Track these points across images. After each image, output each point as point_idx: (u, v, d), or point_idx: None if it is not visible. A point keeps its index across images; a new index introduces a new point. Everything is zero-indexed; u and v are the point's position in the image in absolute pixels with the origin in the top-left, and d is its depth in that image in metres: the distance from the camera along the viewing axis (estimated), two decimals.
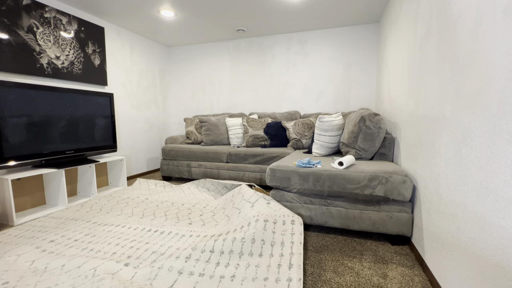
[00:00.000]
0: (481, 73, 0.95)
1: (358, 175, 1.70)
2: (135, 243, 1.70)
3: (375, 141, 2.01)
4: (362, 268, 1.47)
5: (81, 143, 2.70)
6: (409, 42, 1.87)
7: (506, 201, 0.81)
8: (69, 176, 2.75)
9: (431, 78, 1.42)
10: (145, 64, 3.91)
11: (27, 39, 2.36)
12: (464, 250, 1.03)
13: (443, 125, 1.25)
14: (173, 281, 1.31)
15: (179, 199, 2.61)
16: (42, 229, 1.96)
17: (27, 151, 2.23)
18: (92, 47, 2.98)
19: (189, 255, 1.44)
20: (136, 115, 3.76)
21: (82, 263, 1.43)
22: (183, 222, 2.04)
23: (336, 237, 1.84)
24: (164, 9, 2.87)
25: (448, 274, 1.17)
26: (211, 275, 1.34)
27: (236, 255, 1.44)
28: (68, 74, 2.72)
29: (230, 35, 3.78)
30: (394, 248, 1.69)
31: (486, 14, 0.94)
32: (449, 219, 1.17)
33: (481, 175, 0.94)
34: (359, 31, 3.41)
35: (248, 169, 3.05)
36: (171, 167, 3.45)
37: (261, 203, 1.84)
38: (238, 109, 4.12)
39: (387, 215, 1.69)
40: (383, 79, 2.86)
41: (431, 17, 1.45)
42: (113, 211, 2.30)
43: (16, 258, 1.52)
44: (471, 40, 1.03)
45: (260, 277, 1.30)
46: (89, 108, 2.77)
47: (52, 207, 2.43)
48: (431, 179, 1.39)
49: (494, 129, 0.87)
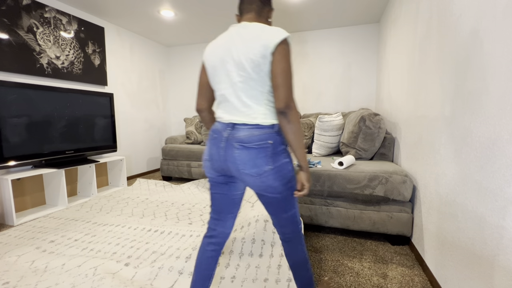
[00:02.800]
0: (481, 73, 0.95)
1: (358, 175, 1.70)
2: (135, 243, 1.70)
3: (375, 141, 2.01)
4: (362, 268, 1.47)
5: (81, 143, 2.69)
6: (409, 42, 1.87)
7: (506, 201, 0.81)
8: (69, 176, 2.75)
9: (431, 78, 1.42)
10: (145, 64, 3.91)
11: (27, 39, 2.35)
12: (464, 250, 1.03)
13: (443, 125, 1.25)
14: (174, 281, 1.31)
15: (179, 199, 2.62)
16: (42, 229, 1.96)
17: (27, 151, 2.23)
18: (92, 47, 2.98)
19: (190, 255, 1.44)
20: (136, 115, 3.76)
21: (82, 263, 1.43)
22: (183, 222, 2.04)
23: (336, 237, 1.84)
24: (164, 9, 2.87)
25: (448, 274, 1.17)
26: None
27: (236, 255, 1.44)
28: (68, 74, 2.72)
29: None
30: (394, 248, 1.69)
31: (486, 14, 0.94)
32: (449, 219, 1.17)
33: (481, 175, 0.94)
34: (359, 31, 3.41)
35: None
36: (171, 167, 3.45)
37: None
38: None
39: (387, 215, 1.69)
40: (383, 79, 2.86)
41: (431, 17, 1.45)
42: (113, 211, 2.30)
43: (16, 259, 1.52)
44: (471, 40, 1.03)
45: (260, 278, 1.30)
46: (89, 108, 2.77)
47: (52, 207, 2.43)
48: (431, 179, 1.39)
49: (494, 129, 0.87)
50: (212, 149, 0.93)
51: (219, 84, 0.92)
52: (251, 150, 0.86)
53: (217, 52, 0.91)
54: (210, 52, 0.93)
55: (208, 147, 0.95)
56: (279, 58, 0.83)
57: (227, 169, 0.91)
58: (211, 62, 0.92)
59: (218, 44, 0.92)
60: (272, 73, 0.84)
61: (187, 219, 2.11)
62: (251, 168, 0.86)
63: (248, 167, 0.86)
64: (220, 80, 0.91)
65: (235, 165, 0.88)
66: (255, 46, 0.83)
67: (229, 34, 0.90)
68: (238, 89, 0.88)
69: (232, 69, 0.87)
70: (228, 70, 0.88)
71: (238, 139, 0.87)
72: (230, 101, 0.90)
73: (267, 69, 0.84)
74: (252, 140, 0.86)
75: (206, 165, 0.97)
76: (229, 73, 0.88)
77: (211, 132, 0.95)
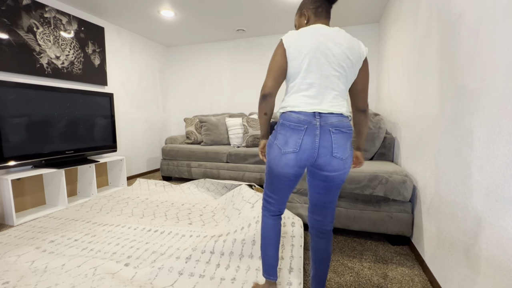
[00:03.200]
0: (481, 73, 0.95)
1: (358, 175, 1.70)
2: (135, 243, 1.70)
3: (375, 141, 2.01)
4: (362, 268, 1.47)
5: (81, 143, 2.69)
6: (409, 42, 1.87)
7: (506, 201, 0.81)
8: (69, 176, 2.75)
9: (431, 78, 1.42)
10: (145, 64, 3.91)
11: (27, 39, 2.35)
12: (464, 250, 1.03)
13: (443, 125, 1.25)
14: (174, 281, 1.31)
15: (179, 199, 2.61)
16: (42, 229, 1.96)
17: (27, 151, 2.23)
18: (92, 47, 2.98)
19: (190, 256, 1.44)
20: (136, 115, 3.76)
21: (82, 263, 1.43)
22: (183, 222, 2.04)
23: (336, 237, 1.84)
24: (164, 9, 2.87)
25: (448, 274, 1.17)
26: (211, 277, 1.34)
27: (237, 257, 1.44)
28: (68, 74, 2.72)
29: (230, 35, 3.78)
30: (394, 248, 1.69)
31: (486, 14, 0.94)
32: (449, 219, 1.17)
33: (481, 175, 0.94)
34: (359, 31, 3.41)
35: (248, 169, 3.04)
36: (171, 167, 3.45)
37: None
38: (238, 109, 4.12)
39: (387, 215, 1.69)
40: (383, 79, 2.86)
41: (431, 17, 1.45)
42: (113, 211, 2.30)
43: (16, 259, 1.52)
44: (471, 40, 1.03)
45: (261, 281, 1.30)
46: (89, 108, 2.77)
47: (52, 207, 2.43)
48: (431, 179, 1.39)
49: (494, 129, 0.87)
50: (304, 139, 0.95)
51: (310, 73, 0.96)
52: (345, 134, 0.97)
53: (311, 44, 0.94)
54: (301, 41, 0.96)
55: (294, 138, 0.96)
56: (365, 69, 1.01)
57: (317, 156, 0.97)
58: (304, 51, 0.95)
59: (310, 37, 0.95)
60: (360, 78, 1.01)
61: (187, 219, 2.11)
62: (343, 152, 0.97)
63: (340, 151, 0.96)
64: (311, 69, 0.96)
65: (329, 150, 0.95)
66: (354, 51, 0.96)
67: (322, 31, 0.96)
68: (331, 82, 0.96)
69: (331, 61, 0.95)
70: (323, 63, 0.95)
71: (333, 124, 0.95)
72: (320, 91, 0.96)
73: (356, 72, 1.00)
74: (344, 125, 0.97)
75: (288, 160, 0.97)
76: (323, 66, 0.95)
77: (293, 122, 0.96)
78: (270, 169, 1.04)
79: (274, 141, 1.01)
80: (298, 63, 0.96)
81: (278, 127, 1.01)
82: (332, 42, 0.94)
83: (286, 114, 0.99)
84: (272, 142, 1.02)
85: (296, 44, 0.95)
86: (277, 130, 1.01)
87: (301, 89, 0.97)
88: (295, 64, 0.96)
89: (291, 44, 0.96)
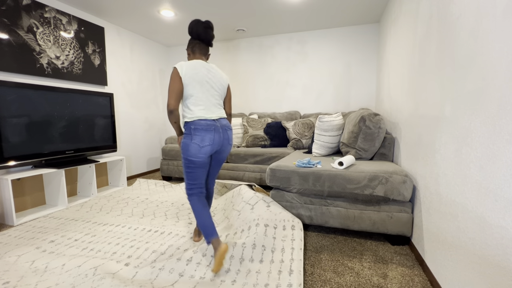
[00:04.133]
0: (481, 73, 0.95)
1: (358, 175, 1.70)
2: (135, 242, 1.70)
3: (375, 141, 2.01)
4: (362, 268, 1.47)
5: (81, 143, 2.70)
6: (409, 42, 1.87)
7: (506, 201, 0.81)
8: (69, 176, 2.75)
9: (431, 78, 1.42)
10: (145, 64, 3.91)
11: (27, 39, 2.35)
12: (464, 250, 1.03)
13: (443, 125, 1.25)
14: (174, 281, 1.31)
15: (179, 199, 2.61)
16: (42, 229, 1.96)
17: (27, 151, 2.23)
18: (92, 47, 2.98)
19: (190, 258, 1.44)
20: (136, 115, 3.76)
21: (82, 263, 1.43)
22: (183, 222, 2.04)
23: (336, 237, 1.84)
24: (164, 9, 2.87)
25: (448, 274, 1.17)
26: (211, 278, 1.34)
27: (237, 260, 1.44)
28: (68, 74, 2.72)
29: (230, 35, 3.78)
30: (394, 248, 1.69)
31: (486, 14, 0.94)
32: (449, 219, 1.17)
33: (481, 175, 0.94)
34: (359, 31, 3.41)
35: (248, 169, 3.05)
36: (171, 167, 3.45)
37: (261, 206, 1.84)
38: (238, 109, 4.12)
39: (387, 215, 1.69)
40: (383, 79, 2.86)
41: (431, 17, 1.45)
42: (113, 211, 2.30)
43: (16, 259, 1.52)
44: (471, 40, 1.03)
45: (261, 283, 1.30)
46: (89, 108, 2.77)
47: (52, 207, 2.43)
48: (431, 179, 1.40)
49: (494, 129, 0.87)
50: (214, 136, 1.45)
51: (201, 94, 1.47)
52: (230, 130, 1.57)
53: (200, 73, 1.47)
54: (191, 70, 1.45)
55: (208, 136, 1.43)
56: (229, 90, 1.68)
57: (221, 145, 1.51)
58: (196, 78, 1.45)
59: (197, 66, 1.47)
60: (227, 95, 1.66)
61: (187, 219, 2.11)
62: (231, 141, 1.58)
63: (231, 140, 1.58)
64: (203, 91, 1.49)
65: (228, 141, 1.55)
66: (223, 79, 1.58)
67: (202, 64, 1.49)
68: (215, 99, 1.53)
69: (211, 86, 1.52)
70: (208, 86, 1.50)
71: (227, 126, 1.55)
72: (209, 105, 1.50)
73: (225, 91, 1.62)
74: (229, 124, 1.58)
75: (206, 150, 1.44)
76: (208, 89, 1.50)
77: (203, 126, 1.42)
78: (190, 163, 1.44)
79: (191, 141, 1.41)
80: (192, 86, 1.44)
81: (191, 131, 1.41)
82: (210, 73, 1.50)
83: (195, 121, 1.42)
84: (190, 142, 1.41)
85: (189, 74, 1.43)
86: (191, 133, 1.41)
87: (198, 104, 1.44)
88: (190, 86, 1.44)
89: (185, 73, 1.42)
